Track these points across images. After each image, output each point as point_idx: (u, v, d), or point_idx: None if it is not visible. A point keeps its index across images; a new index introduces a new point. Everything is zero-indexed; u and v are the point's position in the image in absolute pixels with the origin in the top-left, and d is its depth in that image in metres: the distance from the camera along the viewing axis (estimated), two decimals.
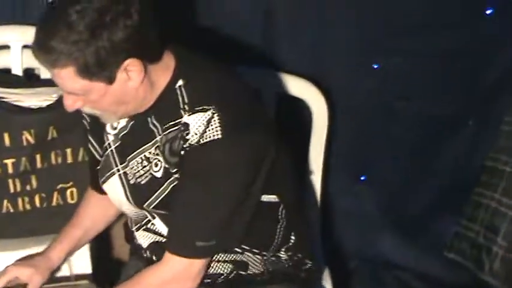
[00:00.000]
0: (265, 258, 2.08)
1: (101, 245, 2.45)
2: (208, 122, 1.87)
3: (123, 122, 2.03)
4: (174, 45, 1.96)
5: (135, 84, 1.87)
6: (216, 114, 1.87)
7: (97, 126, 2.11)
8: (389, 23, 2.81)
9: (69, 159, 2.47)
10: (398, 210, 3.03)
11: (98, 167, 2.14)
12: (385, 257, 3.05)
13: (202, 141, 1.87)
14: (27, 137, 2.44)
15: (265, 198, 2.01)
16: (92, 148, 2.17)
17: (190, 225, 1.93)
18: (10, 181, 2.45)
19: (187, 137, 1.89)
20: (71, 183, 2.48)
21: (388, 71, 2.86)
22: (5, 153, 2.43)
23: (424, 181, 3.01)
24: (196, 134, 1.87)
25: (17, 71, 2.65)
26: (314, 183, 2.65)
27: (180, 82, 1.93)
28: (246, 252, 2.06)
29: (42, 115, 2.45)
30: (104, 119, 2.01)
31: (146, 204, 2.00)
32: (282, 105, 2.63)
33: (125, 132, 2.04)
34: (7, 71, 2.63)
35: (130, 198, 2.04)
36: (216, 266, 2.06)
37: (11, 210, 2.47)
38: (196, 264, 1.97)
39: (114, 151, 2.07)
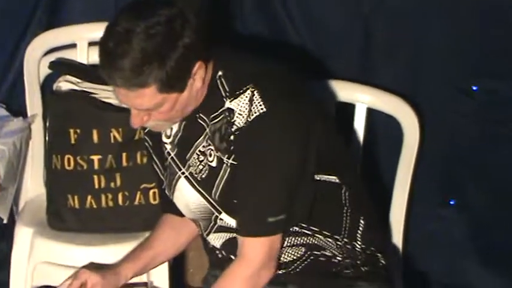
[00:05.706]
0: (339, 243, 2.07)
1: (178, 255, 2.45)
2: (251, 100, 1.94)
3: (175, 128, 2.09)
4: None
5: (198, 86, 1.96)
6: (255, 91, 1.94)
7: (157, 144, 2.17)
8: (489, 44, 2.74)
9: None
10: (487, 238, 2.94)
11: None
12: (471, 286, 2.97)
13: (249, 120, 1.93)
14: (115, 134, 2.47)
15: (325, 177, 2.03)
16: (156, 168, 2.22)
17: (258, 204, 1.97)
18: (95, 177, 2.49)
19: (233, 121, 1.95)
20: (154, 183, 2.48)
21: (485, 94, 2.78)
22: (92, 149, 2.48)
23: None
24: (242, 116, 1.94)
25: None
26: (400, 202, 2.60)
27: (220, 73, 2.00)
28: (316, 235, 2.06)
29: None
30: (159, 129, 2.07)
31: (212, 194, 2.03)
32: (372, 121, 2.61)
33: (179, 135, 2.09)
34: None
35: (203, 192, 2.06)
36: (288, 251, 2.06)
37: (94, 206, 2.51)
38: (275, 240, 1.99)
39: (174, 158, 2.11)
